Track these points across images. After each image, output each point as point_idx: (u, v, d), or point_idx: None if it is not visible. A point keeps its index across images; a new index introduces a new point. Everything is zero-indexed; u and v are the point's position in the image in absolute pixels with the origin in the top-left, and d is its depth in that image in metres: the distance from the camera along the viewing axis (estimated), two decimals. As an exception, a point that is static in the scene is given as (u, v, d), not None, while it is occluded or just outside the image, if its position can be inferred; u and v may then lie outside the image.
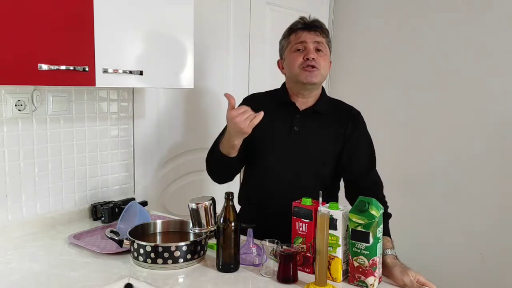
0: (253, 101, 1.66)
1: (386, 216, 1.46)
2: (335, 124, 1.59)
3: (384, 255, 1.27)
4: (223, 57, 2.34)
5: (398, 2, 2.77)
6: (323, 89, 1.66)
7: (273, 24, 2.54)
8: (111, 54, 1.43)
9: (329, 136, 1.59)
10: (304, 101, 1.61)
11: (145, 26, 1.54)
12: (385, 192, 1.56)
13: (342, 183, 1.68)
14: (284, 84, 1.67)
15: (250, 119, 1.38)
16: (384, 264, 1.26)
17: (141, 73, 1.52)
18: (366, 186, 1.54)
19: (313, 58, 1.52)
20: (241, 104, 1.70)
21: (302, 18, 1.60)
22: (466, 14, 2.54)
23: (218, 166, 1.62)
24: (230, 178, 1.68)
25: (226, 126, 1.69)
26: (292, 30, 1.59)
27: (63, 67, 1.28)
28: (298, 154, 1.58)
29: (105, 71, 1.40)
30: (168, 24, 1.61)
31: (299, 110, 1.60)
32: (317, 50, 1.55)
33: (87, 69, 1.34)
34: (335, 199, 1.65)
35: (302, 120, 1.59)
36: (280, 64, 1.66)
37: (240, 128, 1.39)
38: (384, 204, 1.51)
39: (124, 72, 1.46)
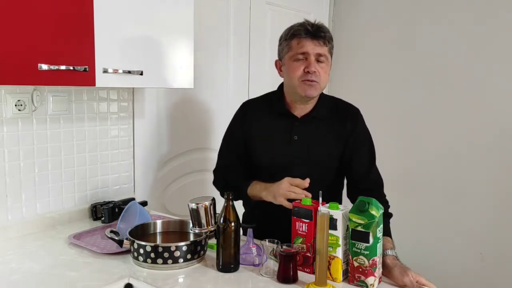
0: (251, 109, 1.66)
1: (387, 215, 1.45)
2: (334, 127, 1.56)
3: (384, 255, 1.27)
4: (223, 57, 2.34)
5: (398, 1, 2.78)
6: None
7: (273, 24, 2.54)
8: (111, 54, 1.43)
9: (330, 140, 1.56)
10: (302, 107, 1.57)
11: (145, 26, 1.54)
12: (385, 191, 1.56)
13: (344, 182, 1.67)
14: (280, 87, 1.62)
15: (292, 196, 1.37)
16: (384, 265, 1.26)
17: (141, 73, 1.52)
18: (367, 186, 1.53)
19: (314, 72, 1.46)
20: (239, 110, 1.69)
21: (305, 24, 1.49)
22: (467, 14, 2.54)
23: (236, 195, 1.54)
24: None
25: (227, 135, 1.69)
26: (295, 36, 1.49)
27: (63, 67, 1.29)
28: (300, 163, 1.54)
29: (105, 71, 1.40)
30: (168, 24, 1.61)
31: (298, 117, 1.57)
32: (319, 61, 1.48)
33: (87, 69, 1.34)
34: (339, 199, 1.65)
35: (301, 128, 1.56)
36: (278, 65, 1.60)
37: (277, 194, 1.39)
38: (385, 203, 1.50)
39: (124, 72, 1.46)
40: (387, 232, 1.36)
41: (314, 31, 1.47)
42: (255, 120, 1.62)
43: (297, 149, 1.55)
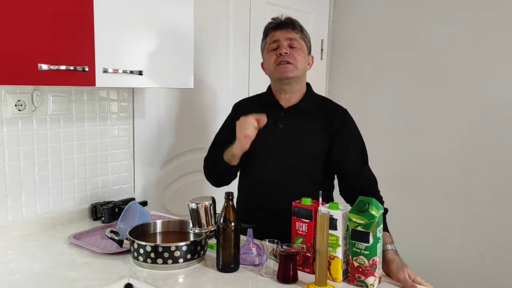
0: (241, 107, 1.74)
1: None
2: (320, 122, 1.60)
3: (384, 250, 1.28)
4: (223, 57, 2.34)
5: (398, 2, 2.78)
6: (309, 86, 1.67)
7: (273, 24, 2.54)
8: (111, 54, 1.43)
9: (314, 132, 1.60)
10: (288, 98, 1.63)
11: (145, 26, 1.54)
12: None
13: (336, 182, 1.68)
14: (269, 86, 1.70)
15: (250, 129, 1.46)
16: (384, 259, 1.27)
17: (141, 73, 1.52)
18: (360, 185, 1.54)
19: (286, 53, 1.55)
20: (232, 111, 1.77)
21: (274, 20, 1.64)
22: (467, 14, 2.54)
23: (217, 170, 1.67)
24: (225, 183, 1.73)
25: (220, 133, 1.76)
26: (266, 31, 1.64)
27: (63, 67, 1.29)
28: (284, 150, 1.59)
29: (105, 71, 1.40)
30: (168, 24, 1.61)
31: (284, 108, 1.63)
32: (292, 46, 1.57)
33: (87, 69, 1.34)
34: (330, 199, 1.66)
35: (286, 118, 1.61)
36: (263, 66, 1.69)
37: (238, 137, 1.48)
38: (379, 199, 1.51)
39: (124, 72, 1.46)
40: (384, 227, 1.37)
41: (282, 22, 1.62)
42: (244, 114, 1.65)
43: (281, 137, 1.60)
